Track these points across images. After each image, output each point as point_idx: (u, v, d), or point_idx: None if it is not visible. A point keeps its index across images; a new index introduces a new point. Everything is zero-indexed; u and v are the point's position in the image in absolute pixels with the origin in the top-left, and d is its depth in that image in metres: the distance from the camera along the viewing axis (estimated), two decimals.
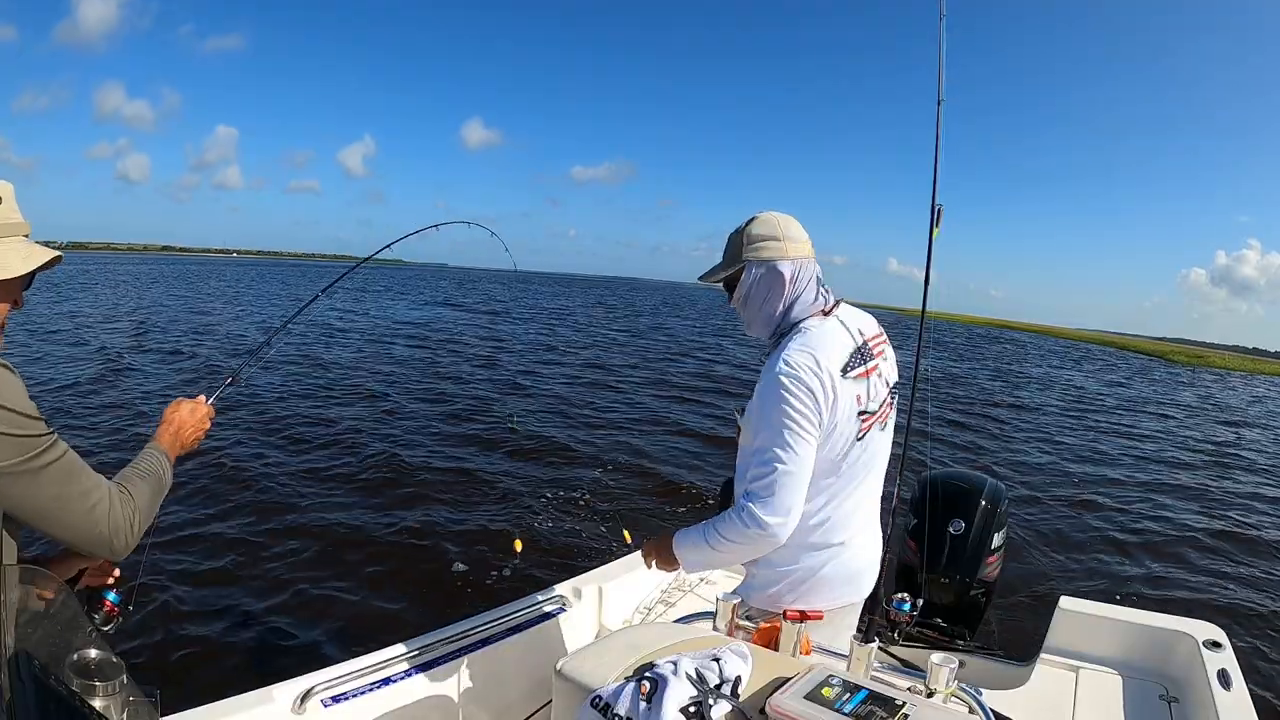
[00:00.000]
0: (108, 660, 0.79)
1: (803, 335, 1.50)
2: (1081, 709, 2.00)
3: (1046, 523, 6.36)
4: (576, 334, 22.10)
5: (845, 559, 1.59)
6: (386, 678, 1.73)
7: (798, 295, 1.55)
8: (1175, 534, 6.48)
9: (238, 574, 4.17)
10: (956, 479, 3.00)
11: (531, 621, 2.07)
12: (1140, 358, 47.14)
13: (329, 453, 6.76)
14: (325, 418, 8.07)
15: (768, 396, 1.44)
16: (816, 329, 1.52)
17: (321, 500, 5.45)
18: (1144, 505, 7.42)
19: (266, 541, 4.62)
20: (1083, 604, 2.32)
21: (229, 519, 4.93)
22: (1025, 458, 9.24)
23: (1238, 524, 7.08)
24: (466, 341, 17.25)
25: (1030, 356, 33.25)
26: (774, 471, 1.42)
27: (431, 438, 7.57)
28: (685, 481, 6.60)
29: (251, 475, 5.84)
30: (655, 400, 10.91)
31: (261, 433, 7.22)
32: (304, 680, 1.64)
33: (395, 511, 5.29)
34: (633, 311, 39.66)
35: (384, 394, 9.75)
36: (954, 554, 2.78)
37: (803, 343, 1.47)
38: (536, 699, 1.99)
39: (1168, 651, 2.15)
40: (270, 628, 3.65)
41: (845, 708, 1.10)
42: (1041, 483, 7.90)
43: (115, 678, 0.77)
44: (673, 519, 5.60)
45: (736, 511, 1.46)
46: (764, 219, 1.57)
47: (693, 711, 1.11)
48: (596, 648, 1.44)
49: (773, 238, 1.54)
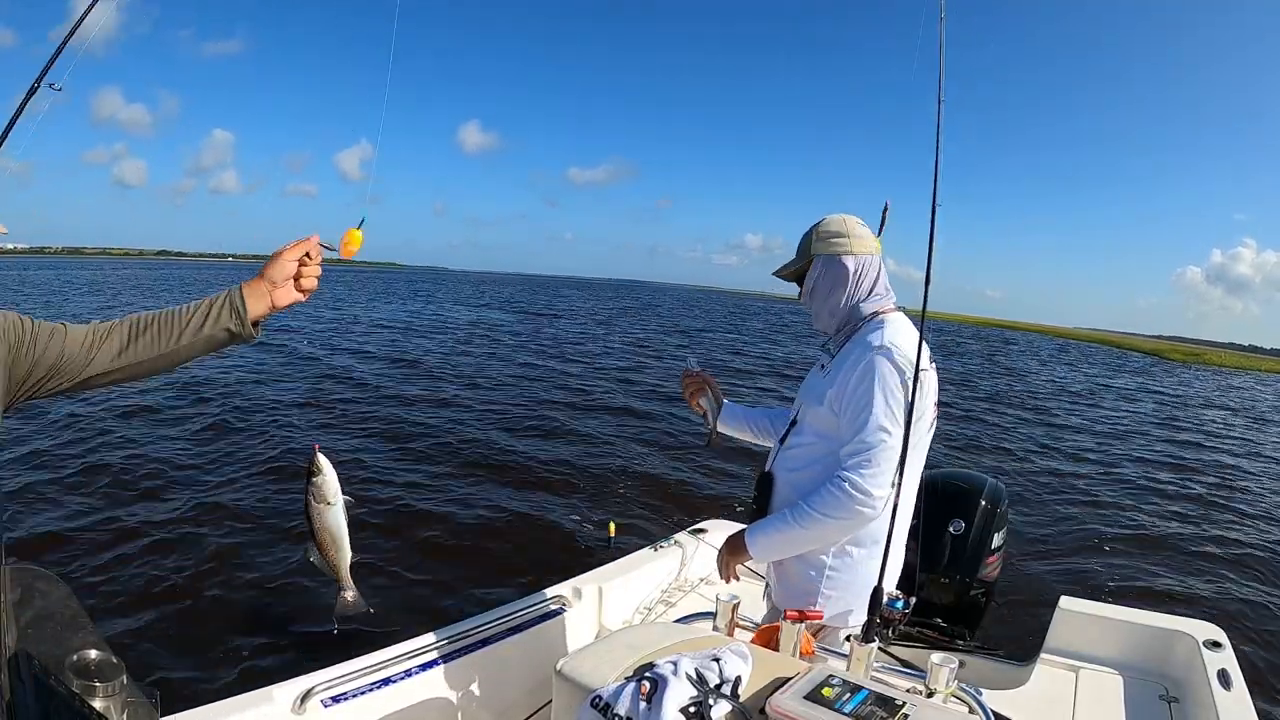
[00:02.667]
0: (108, 660, 0.79)
1: (893, 325, 1.58)
2: (1081, 709, 2.00)
3: (1047, 522, 6.36)
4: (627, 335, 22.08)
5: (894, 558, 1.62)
6: (386, 678, 1.72)
7: (864, 289, 1.64)
8: (1176, 534, 6.48)
9: (238, 573, 4.17)
10: (956, 479, 3.00)
11: (531, 621, 2.07)
12: (1138, 356, 47.15)
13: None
14: (319, 402, 8.07)
15: (868, 376, 1.51)
16: (902, 321, 1.61)
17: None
18: (1144, 505, 7.42)
19: (265, 542, 4.62)
20: (1083, 604, 2.32)
21: (229, 519, 4.93)
22: (1025, 457, 9.24)
23: (1238, 524, 7.08)
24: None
25: (1028, 355, 33.26)
26: (879, 445, 1.47)
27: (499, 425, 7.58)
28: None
29: (241, 470, 5.84)
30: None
31: (258, 426, 7.22)
32: (304, 680, 1.63)
33: (396, 510, 5.30)
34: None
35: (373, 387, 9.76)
36: (954, 554, 2.78)
37: (895, 330, 1.56)
38: (536, 699, 1.99)
39: (1168, 651, 2.15)
40: (270, 628, 3.65)
41: (845, 708, 1.10)
42: (1042, 482, 7.90)
43: (115, 678, 0.77)
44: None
45: (837, 485, 1.48)
46: (831, 218, 1.69)
47: (693, 712, 1.11)
48: (596, 648, 1.44)
49: (839, 234, 1.66)
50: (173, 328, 1.15)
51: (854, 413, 1.52)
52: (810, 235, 1.69)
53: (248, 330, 1.17)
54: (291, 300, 1.20)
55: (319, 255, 1.21)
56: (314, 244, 1.20)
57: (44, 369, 1.10)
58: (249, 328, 1.17)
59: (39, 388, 1.11)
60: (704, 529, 2.96)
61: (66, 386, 1.13)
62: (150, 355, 1.15)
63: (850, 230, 1.66)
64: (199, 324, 1.15)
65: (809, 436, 1.65)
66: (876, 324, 1.60)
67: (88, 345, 1.12)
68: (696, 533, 2.93)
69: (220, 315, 1.15)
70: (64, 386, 1.13)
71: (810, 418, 1.65)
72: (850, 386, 1.53)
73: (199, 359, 1.21)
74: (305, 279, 1.20)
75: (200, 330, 1.15)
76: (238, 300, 1.16)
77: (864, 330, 1.60)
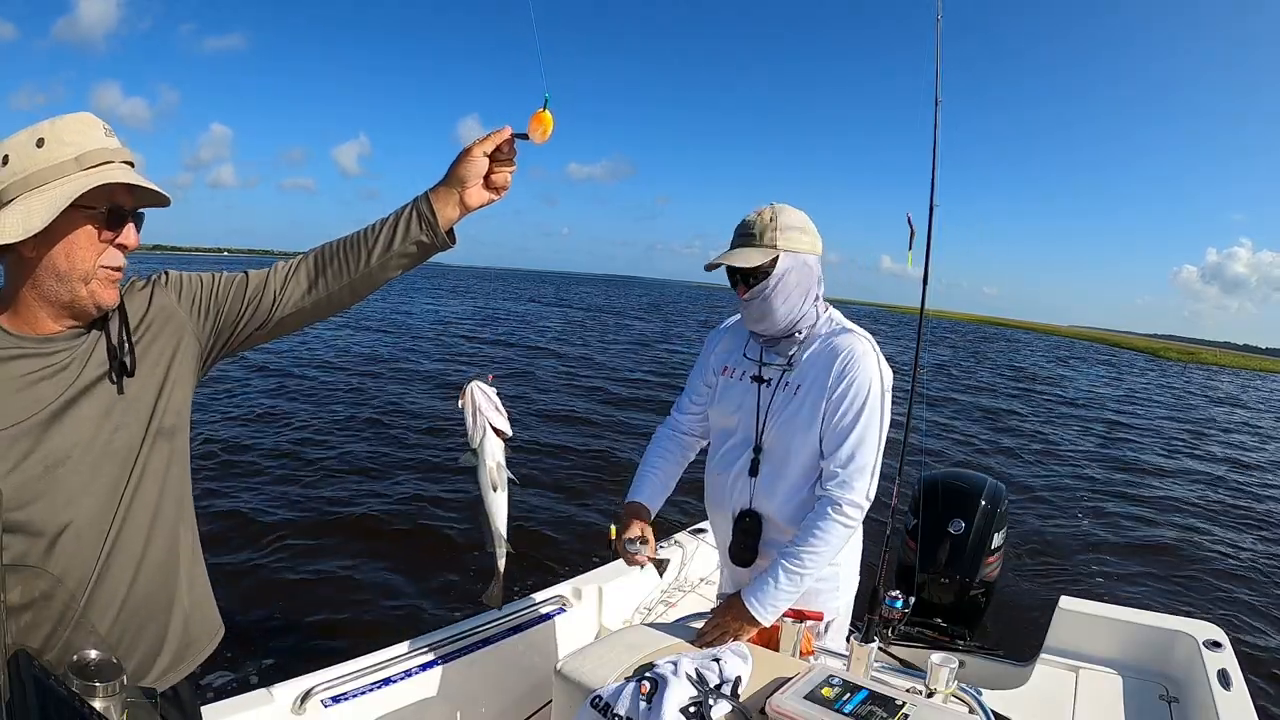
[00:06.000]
0: (108, 660, 0.78)
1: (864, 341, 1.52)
2: (1081, 709, 2.00)
3: (1047, 522, 6.36)
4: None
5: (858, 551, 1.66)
6: (386, 678, 1.72)
7: (821, 290, 1.57)
8: (1176, 533, 6.48)
9: (237, 573, 4.17)
10: (956, 479, 3.01)
11: (531, 621, 2.07)
12: (1134, 355, 47.16)
13: (319, 449, 6.76)
14: (315, 411, 8.07)
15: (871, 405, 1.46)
16: (867, 336, 1.55)
17: (319, 497, 5.45)
18: (1144, 505, 7.42)
19: (265, 541, 4.62)
20: (1083, 604, 2.32)
21: (228, 515, 4.93)
22: (1025, 457, 9.23)
23: (1238, 523, 7.08)
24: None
25: (1026, 354, 33.24)
26: (869, 460, 1.47)
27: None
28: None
29: (244, 468, 5.84)
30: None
31: (254, 422, 7.22)
32: (304, 680, 1.63)
33: (397, 508, 5.30)
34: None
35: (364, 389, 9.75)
36: (954, 554, 2.79)
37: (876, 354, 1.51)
38: (536, 699, 1.99)
39: (1168, 651, 2.15)
40: (270, 628, 3.65)
41: (845, 708, 1.11)
42: (1042, 482, 7.90)
43: (115, 678, 0.77)
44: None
45: (833, 513, 1.45)
46: (791, 210, 1.54)
47: (693, 712, 1.11)
48: (596, 648, 1.44)
49: (804, 229, 1.53)
50: (360, 250, 1.08)
51: (851, 434, 1.47)
52: (770, 226, 1.50)
53: (441, 239, 1.10)
54: (483, 201, 1.10)
55: (513, 148, 1.09)
56: (506, 134, 1.07)
57: (231, 319, 1.08)
58: (443, 236, 1.10)
59: (233, 339, 1.10)
60: (704, 529, 2.96)
61: (262, 335, 1.11)
62: (341, 283, 1.09)
63: (809, 225, 1.54)
64: (387, 241, 1.08)
65: (792, 465, 1.54)
66: (840, 328, 1.54)
67: (275, 286, 1.09)
68: (696, 533, 2.94)
69: (410, 228, 1.08)
70: (259, 334, 1.11)
71: (793, 447, 1.53)
72: (842, 407, 1.48)
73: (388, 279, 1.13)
74: (498, 174, 1.09)
75: (390, 248, 1.08)
76: (425, 208, 1.08)
77: (827, 334, 1.54)
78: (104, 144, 0.94)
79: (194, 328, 1.07)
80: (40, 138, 0.90)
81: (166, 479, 1.03)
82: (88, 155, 0.92)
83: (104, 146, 0.94)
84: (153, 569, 1.01)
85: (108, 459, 0.95)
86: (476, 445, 1.10)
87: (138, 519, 0.99)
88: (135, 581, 0.99)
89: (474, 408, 1.09)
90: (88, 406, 0.94)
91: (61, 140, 0.91)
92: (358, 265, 1.08)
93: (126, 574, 0.98)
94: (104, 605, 0.96)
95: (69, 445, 0.92)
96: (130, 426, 0.98)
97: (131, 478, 0.98)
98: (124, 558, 0.98)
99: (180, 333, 1.05)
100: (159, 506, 1.02)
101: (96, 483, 0.94)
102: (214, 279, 1.10)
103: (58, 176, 0.90)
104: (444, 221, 1.09)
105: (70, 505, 0.92)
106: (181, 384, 1.05)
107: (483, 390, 1.09)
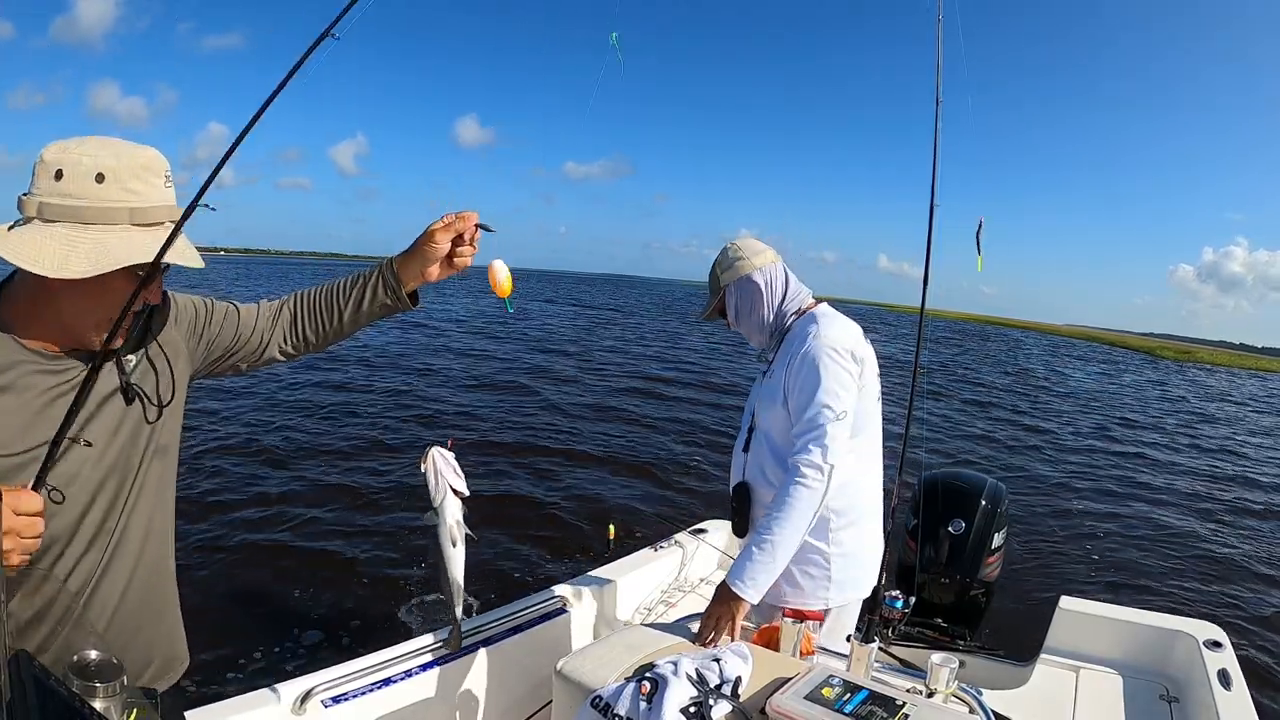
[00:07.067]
0: (108, 660, 0.79)
1: (824, 318, 1.66)
2: (1082, 709, 2.00)
3: (1047, 522, 6.36)
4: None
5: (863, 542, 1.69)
6: (387, 678, 1.72)
7: (778, 295, 1.75)
8: (1176, 533, 6.48)
9: (237, 573, 4.17)
10: (957, 478, 3.00)
11: (531, 621, 2.07)
12: (1130, 354, 47.13)
13: (320, 448, 6.76)
14: (310, 425, 8.07)
15: (807, 360, 1.58)
16: (828, 309, 1.70)
17: (319, 496, 5.45)
18: (1145, 505, 7.42)
19: (265, 541, 4.62)
20: (1083, 604, 2.32)
21: (225, 517, 4.93)
22: (1025, 457, 9.23)
23: (1238, 523, 7.08)
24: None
25: (1024, 353, 33.23)
26: (827, 422, 1.53)
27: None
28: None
29: (244, 469, 5.84)
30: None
31: (254, 420, 7.22)
32: (304, 680, 1.63)
33: (396, 508, 5.29)
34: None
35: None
36: (954, 554, 2.78)
37: (828, 322, 1.64)
38: (536, 699, 1.99)
39: (1168, 651, 2.15)
40: (271, 628, 3.65)
41: (845, 708, 1.10)
42: (1042, 482, 7.90)
43: (115, 678, 0.77)
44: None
45: (791, 477, 1.53)
46: (726, 249, 1.81)
47: (693, 712, 1.11)
48: (596, 648, 1.44)
49: (738, 258, 1.76)
50: (333, 308, 1.20)
51: (800, 397, 1.59)
52: (714, 272, 1.81)
53: (405, 303, 1.20)
54: (445, 275, 1.20)
55: (476, 237, 1.17)
56: (470, 223, 1.16)
57: (220, 349, 1.15)
58: (406, 301, 1.20)
59: (218, 365, 1.17)
60: (704, 529, 2.96)
61: (244, 368, 1.20)
62: (316, 338, 1.22)
63: (745, 249, 1.77)
64: (357, 302, 1.19)
65: (770, 438, 1.71)
66: (806, 319, 1.69)
67: (261, 328, 1.18)
68: (696, 533, 2.93)
69: (376, 293, 1.18)
70: (241, 368, 1.19)
71: (767, 421, 1.71)
72: (793, 375, 1.61)
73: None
74: (459, 257, 1.18)
75: (360, 309, 1.19)
76: (389, 276, 1.18)
77: (795, 328, 1.70)
78: (162, 198, 0.94)
79: (189, 352, 1.11)
80: (101, 172, 0.88)
81: (159, 495, 1.07)
82: (143, 212, 0.91)
83: (161, 204, 0.94)
84: (145, 579, 1.05)
85: (113, 474, 0.99)
86: (438, 504, 1.21)
87: (134, 532, 1.02)
88: (129, 590, 1.03)
89: (435, 470, 1.21)
90: (98, 425, 0.97)
91: (123, 184, 0.90)
92: (330, 323, 1.20)
93: (121, 582, 1.02)
94: (99, 611, 0.99)
95: (80, 461, 0.94)
96: (135, 444, 1.01)
97: (131, 492, 1.01)
98: (121, 567, 1.01)
99: (178, 355, 1.09)
100: (151, 520, 1.06)
101: (102, 496, 0.98)
102: (209, 308, 1.15)
103: (106, 221, 0.89)
104: (408, 288, 1.20)
105: (76, 518, 0.95)
106: (177, 405, 1.09)
107: (443, 455, 1.22)
